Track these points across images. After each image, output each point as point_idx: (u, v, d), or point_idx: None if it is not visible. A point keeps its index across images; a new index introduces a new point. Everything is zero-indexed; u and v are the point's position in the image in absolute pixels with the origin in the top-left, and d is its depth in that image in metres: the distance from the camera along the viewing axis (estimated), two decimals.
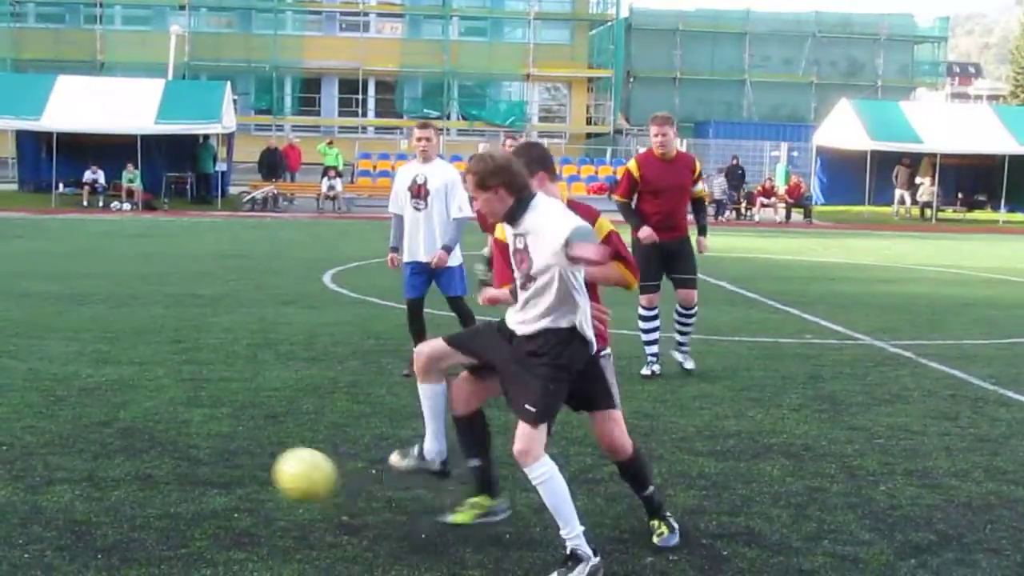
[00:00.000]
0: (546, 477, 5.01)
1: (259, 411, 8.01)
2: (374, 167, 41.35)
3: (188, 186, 36.65)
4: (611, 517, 5.88)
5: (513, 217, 5.07)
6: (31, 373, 9.08)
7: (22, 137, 37.99)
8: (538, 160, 5.62)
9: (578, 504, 5.18)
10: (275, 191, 35.32)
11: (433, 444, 5.68)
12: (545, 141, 47.15)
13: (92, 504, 5.87)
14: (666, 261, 9.69)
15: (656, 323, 9.81)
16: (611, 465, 6.59)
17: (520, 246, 5.09)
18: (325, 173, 35.54)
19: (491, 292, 5.66)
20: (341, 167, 37.34)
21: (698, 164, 9.91)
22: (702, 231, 10.01)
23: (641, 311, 9.78)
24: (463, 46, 53.13)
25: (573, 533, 5.02)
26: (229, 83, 38.35)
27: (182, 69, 43.98)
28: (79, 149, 34.87)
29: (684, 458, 7.07)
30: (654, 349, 9.75)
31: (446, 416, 5.61)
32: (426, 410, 5.62)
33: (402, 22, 55.54)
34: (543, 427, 5.04)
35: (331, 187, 34.96)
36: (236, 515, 5.75)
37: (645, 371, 9.62)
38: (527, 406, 5.00)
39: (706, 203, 10.67)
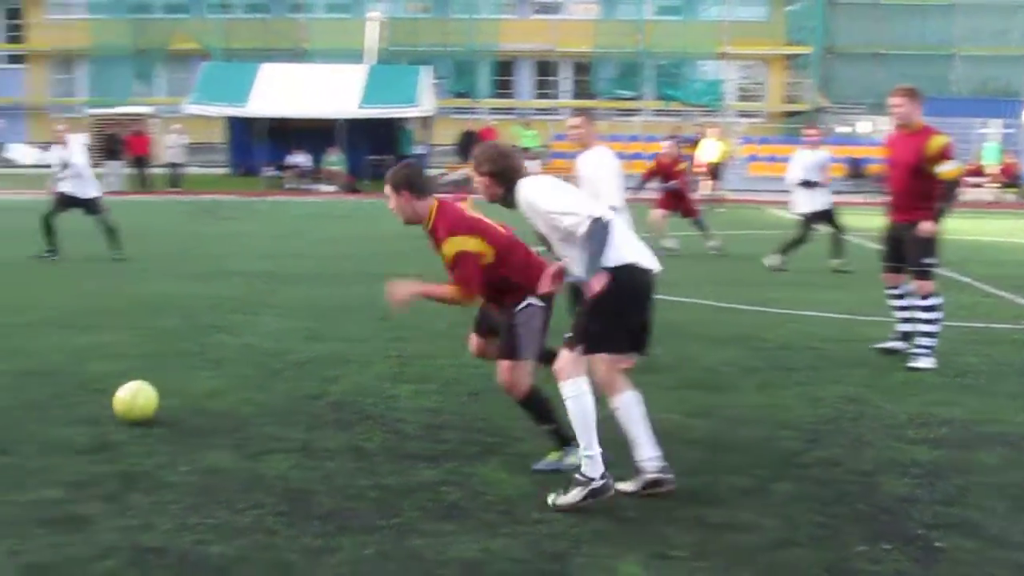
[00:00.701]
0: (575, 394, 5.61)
1: (463, 388, 8.15)
2: (570, 148, 41.44)
3: (389, 168, 37.40)
4: (819, 502, 5.76)
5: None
6: (247, 348, 9.47)
7: (232, 123, 39.54)
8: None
9: (786, 488, 5.11)
10: (471, 173, 35.76)
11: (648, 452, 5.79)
12: (743, 121, 46.62)
13: (307, 473, 6.09)
14: (899, 244, 9.41)
15: (898, 301, 9.65)
16: (819, 451, 6.51)
17: None
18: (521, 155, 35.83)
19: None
20: (538, 149, 37.57)
21: (938, 141, 9.00)
22: (935, 215, 9.16)
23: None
24: (657, 25, 52.59)
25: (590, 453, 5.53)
26: (429, 68, 39.01)
27: (381, 55, 44.86)
28: (284, 134, 36.07)
29: (895, 445, 6.86)
30: (902, 327, 9.65)
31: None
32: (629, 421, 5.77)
33: (596, 2, 55.37)
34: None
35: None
36: (444, 488, 5.87)
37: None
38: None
39: (953, 186, 9.30)
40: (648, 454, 5.76)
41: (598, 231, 5.54)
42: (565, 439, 6.18)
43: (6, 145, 52.78)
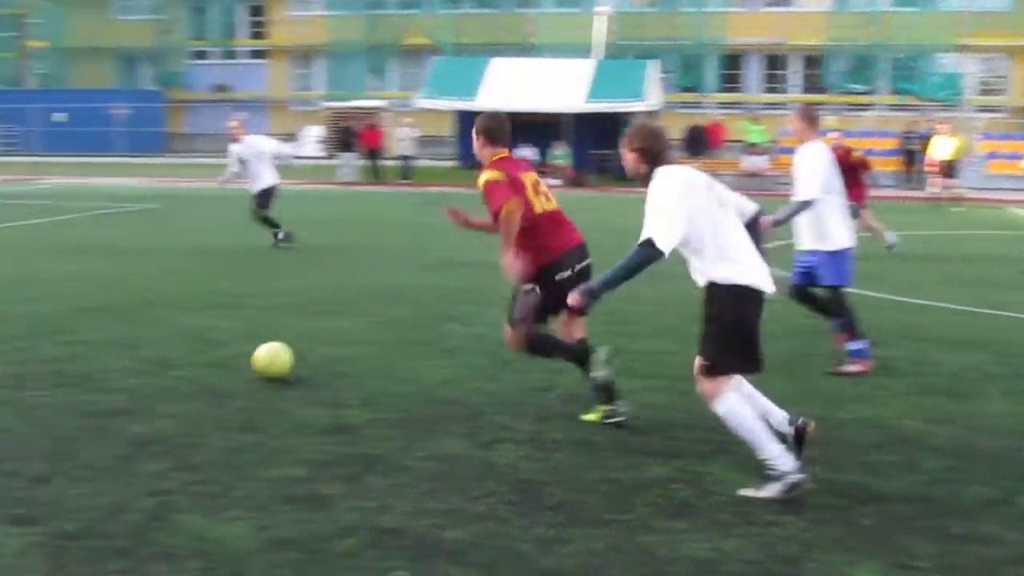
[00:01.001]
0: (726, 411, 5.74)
1: (693, 385, 8.06)
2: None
3: (614, 163, 37.43)
4: None
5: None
6: (477, 338, 9.64)
7: (461, 116, 40.29)
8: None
9: None
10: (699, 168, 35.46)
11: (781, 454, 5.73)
12: (982, 116, 44.61)
13: (538, 464, 6.15)
14: None
15: None
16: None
17: None
18: (747, 150, 35.36)
19: None
20: (765, 144, 36.96)
21: None
22: None
23: None
24: (894, 16, 50.84)
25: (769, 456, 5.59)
26: (656, 62, 38.83)
27: (608, 49, 44.89)
28: (511, 127, 36.49)
29: None
30: None
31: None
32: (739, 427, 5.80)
33: None
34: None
35: (751, 164, 34.72)
36: (675, 485, 5.83)
37: None
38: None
39: None
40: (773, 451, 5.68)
41: (636, 254, 5.63)
42: (582, 360, 6.94)
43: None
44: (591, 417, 6.97)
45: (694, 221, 5.64)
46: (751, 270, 5.71)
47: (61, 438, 6.54)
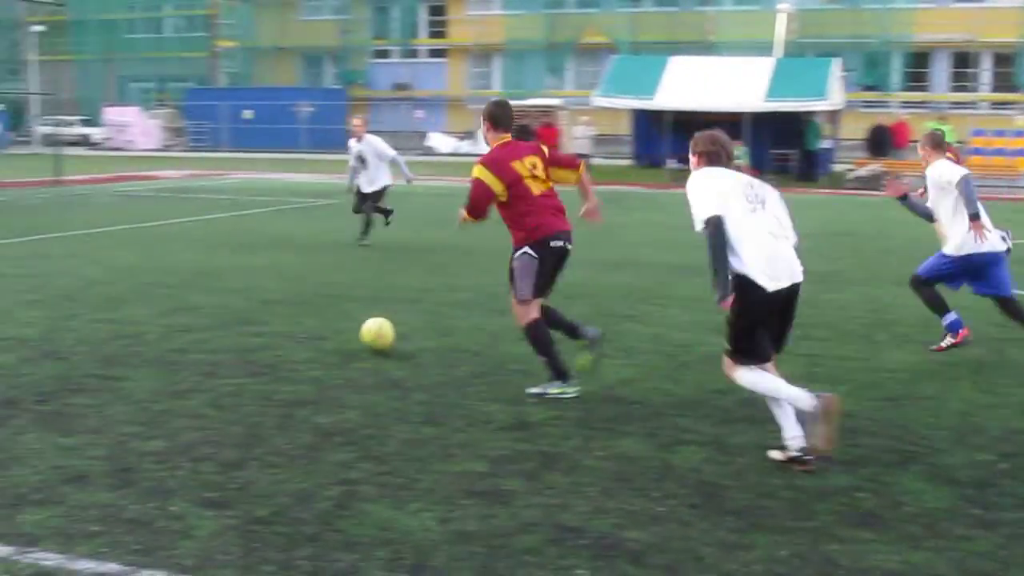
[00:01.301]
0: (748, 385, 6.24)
1: (878, 392, 7.87)
2: (988, 145, 39.15)
3: (792, 163, 36.80)
4: None
5: None
6: (656, 338, 9.59)
7: (638, 115, 40.15)
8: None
9: None
10: (883, 169, 34.54)
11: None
12: None
13: (719, 468, 6.08)
14: None
15: None
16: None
17: None
18: None
19: None
20: (954, 144, 35.74)
21: None
22: None
23: None
24: None
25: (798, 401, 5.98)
26: (838, 60, 37.97)
27: (789, 46, 44.08)
28: (689, 126, 36.13)
29: None
30: None
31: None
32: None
33: None
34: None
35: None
36: (860, 494, 5.69)
37: None
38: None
39: None
40: (790, 433, 6.09)
41: (708, 238, 6.03)
42: (560, 374, 7.55)
43: (428, 134, 56.10)
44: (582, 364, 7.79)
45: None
46: (755, 265, 6.04)
47: (251, 425, 6.76)
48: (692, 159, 6.60)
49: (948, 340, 9.11)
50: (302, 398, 7.43)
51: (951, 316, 9.13)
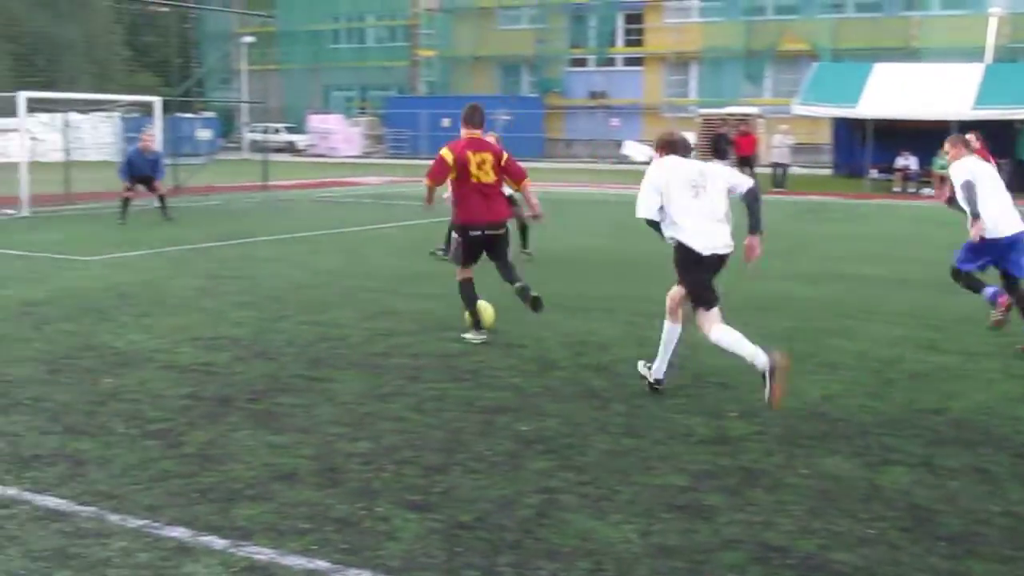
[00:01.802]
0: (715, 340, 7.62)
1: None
2: None
3: (1003, 173, 35.28)
4: None
5: None
6: (861, 354, 9.33)
7: (838, 124, 39.25)
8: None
9: None
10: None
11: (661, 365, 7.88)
12: None
13: (930, 491, 5.86)
14: None
15: None
16: None
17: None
18: None
19: None
20: None
21: None
22: None
23: None
24: None
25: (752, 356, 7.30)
26: None
27: (1000, 51, 42.41)
28: (892, 135, 35.17)
29: None
30: None
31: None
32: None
33: None
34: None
35: None
36: None
37: None
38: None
39: None
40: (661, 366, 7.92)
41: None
42: (475, 325, 9.85)
43: (623, 142, 56.09)
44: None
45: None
46: (687, 234, 7.64)
47: (453, 430, 6.85)
48: (655, 153, 8.12)
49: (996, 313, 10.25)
50: (503, 405, 7.50)
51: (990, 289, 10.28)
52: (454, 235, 10.01)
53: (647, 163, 17.99)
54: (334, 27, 73.15)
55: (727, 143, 35.74)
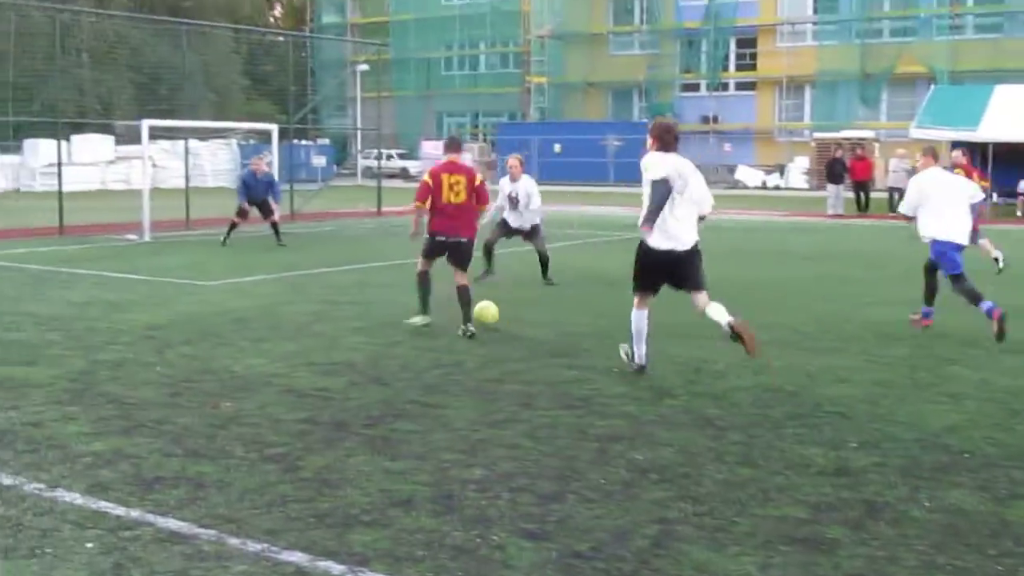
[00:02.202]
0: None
1: None
2: None
3: None
4: None
5: None
6: (983, 383, 9.08)
7: (957, 147, 38.37)
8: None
9: None
10: None
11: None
12: None
13: None
14: None
15: None
16: None
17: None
18: None
19: None
20: None
21: None
22: None
23: None
24: None
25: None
26: None
27: None
28: (1014, 159, 34.30)
29: None
30: None
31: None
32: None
33: None
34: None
35: None
36: None
37: None
38: None
39: None
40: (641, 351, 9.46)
41: (658, 188, 8.89)
42: (422, 310, 11.75)
43: (736, 167, 55.68)
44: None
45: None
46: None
47: (567, 458, 6.82)
48: (649, 140, 9.18)
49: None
50: (617, 433, 7.45)
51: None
52: (425, 234, 11.72)
53: (761, 188, 17.91)
54: (447, 55, 73.98)
55: (843, 167, 35.19)
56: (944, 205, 11.80)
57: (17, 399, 8.34)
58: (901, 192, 34.82)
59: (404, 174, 63.73)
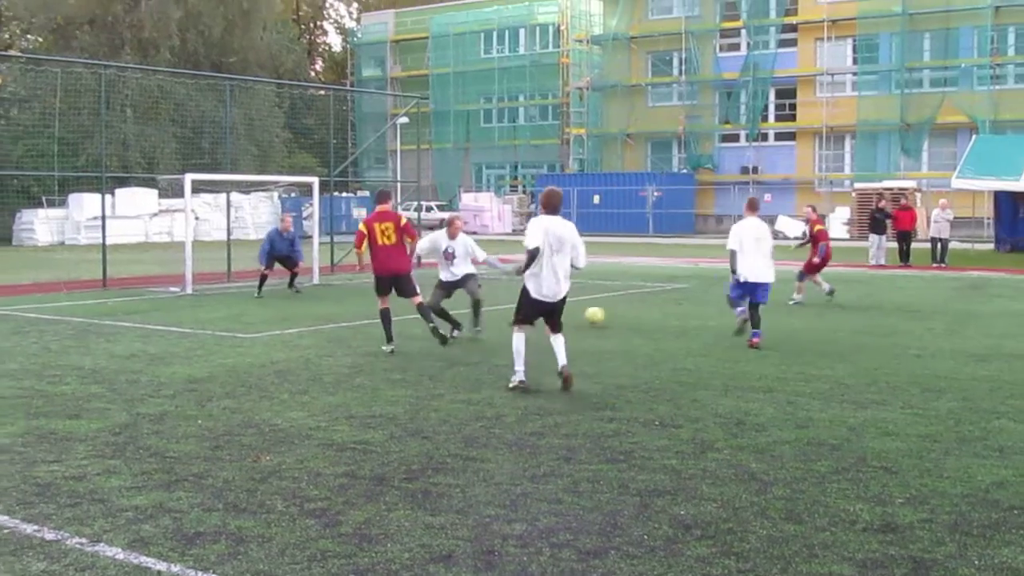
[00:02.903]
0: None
1: None
2: None
3: None
4: None
5: None
6: None
7: (1000, 197, 38.15)
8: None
9: None
10: None
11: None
12: None
13: None
14: None
15: None
16: None
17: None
18: None
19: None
20: None
21: None
22: None
23: None
24: None
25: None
26: None
27: None
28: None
29: None
30: None
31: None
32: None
33: None
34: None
35: None
36: None
37: None
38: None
39: None
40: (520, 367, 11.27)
41: (529, 254, 11.31)
42: (387, 339, 14.26)
43: (777, 217, 55.47)
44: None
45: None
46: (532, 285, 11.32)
47: (609, 513, 6.76)
48: (538, 207, 11.69)
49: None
50: (659, 487, 7.38)
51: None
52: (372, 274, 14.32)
53: (800, 239, 18.04)
54: (486, 107, 74.44)
55: (886, 217, 34.97)
56: None
57: (61, 452, 8.38)
58: (944, 242, 34.82)
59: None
